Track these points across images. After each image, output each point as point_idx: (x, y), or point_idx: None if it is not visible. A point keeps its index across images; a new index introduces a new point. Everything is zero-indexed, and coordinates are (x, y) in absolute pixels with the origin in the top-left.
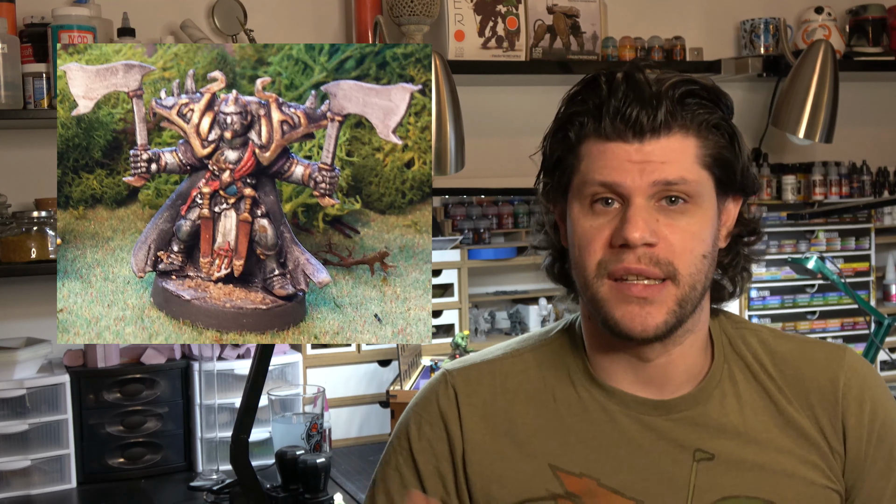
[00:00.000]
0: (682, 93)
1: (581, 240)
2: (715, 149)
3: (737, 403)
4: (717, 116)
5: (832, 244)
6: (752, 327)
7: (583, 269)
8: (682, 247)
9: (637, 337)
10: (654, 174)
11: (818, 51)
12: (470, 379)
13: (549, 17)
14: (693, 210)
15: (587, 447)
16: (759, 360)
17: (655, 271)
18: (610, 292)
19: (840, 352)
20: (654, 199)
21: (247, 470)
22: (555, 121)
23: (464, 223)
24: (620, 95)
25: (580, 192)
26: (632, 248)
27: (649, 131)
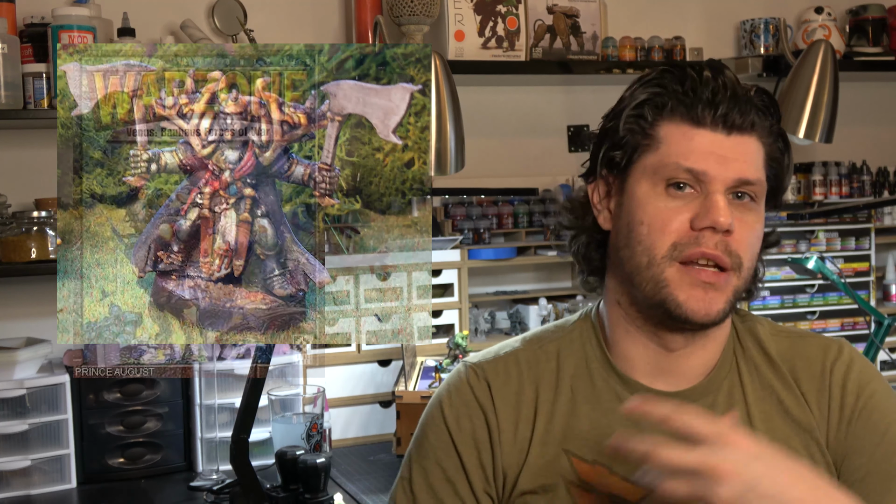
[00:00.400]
0: (766, 102)
1: (654, 220)
2: (776, 159)
3: (741, 395)
4: (778, 126)
5: (832, 244)
6: (751, 324)
7: (651, 248)
8: (748, 242)
9: (699, 321)
10: (736, 170)
11: (818, 51)
12: (499, 371)
13: (549, 17)
14: (756, 209)
15: (600, 435)
16: (761, 349)
17: (726, 260)
18: (677, 274)
19: (835, 344)
20: (729, 192)
21: (247, 470)
22: (620, 102)
23: (464, 223)
24: (714, 88)
25: (655, 173)
26: (716, 232)
27: (737, 128)
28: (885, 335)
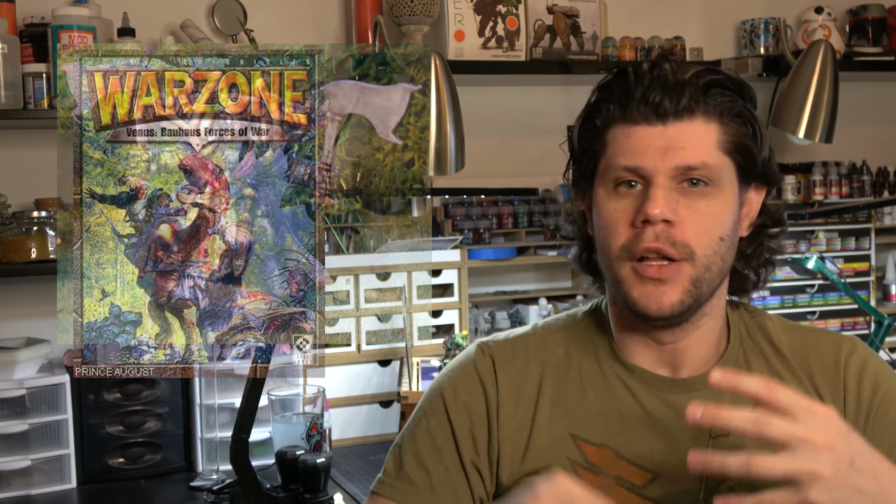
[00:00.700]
0: (707, 82)
1: (605, 221)
2: (737, 136)
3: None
4: (740, 105)
5: (832, 244)
6: (761, 320)
7: (607, 250)
8: (700, 228)
9: (653, 315)
10: (675, 158)
11: (818, 51)
12: (505, 349)
13: (549, 17)
14: (714, 193)
15: (608, 419)
16: (771, 343)
17: (671, 251)
18: (630, 273)
19: (849, 341)
20: (675, 181)
21: (247, 470)
22: (582, 112)
23: (464, 223)
24: (647, 82)
25: (605, 177)
26: (652, 224)
27: (672, 115)
28: (885, 335)
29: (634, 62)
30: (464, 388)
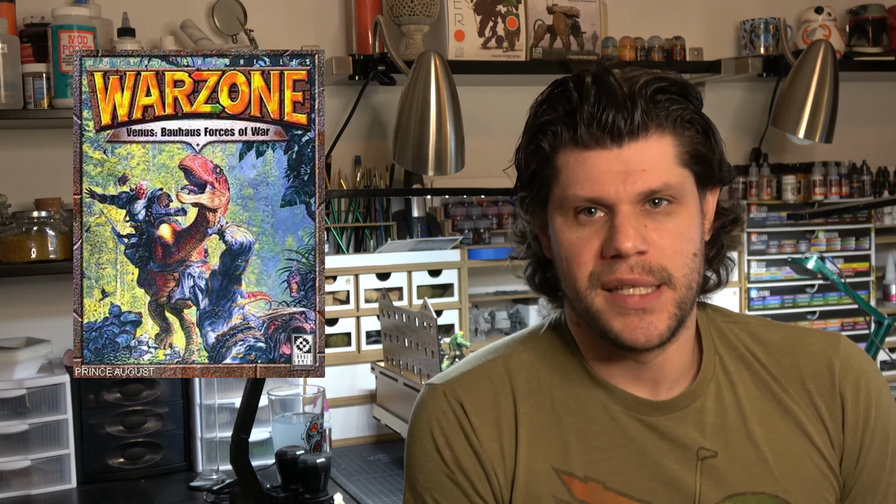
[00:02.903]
0: (654, 90)
1: (569, 252)
2: (691, 145)
3: (733, 395)
4: (690, 111)
5: (832, 244)
6: (742, 319)
7: (574, 281)
8: (673, 249)
9: (641, 348)
10: (637, 183)
11: (818, 51)
12: (470, 387)
13: (549, 17)
14: (678, 210)
15: (589, 448)
16: (750, 351)
17: (649, 279)
18: (605, 304)
19: (834, 338)
20: (639, 205)
21: (247, 470)
22: (525, 131)
23: (464, 223)
24: (593, 100)
25: (562, 205)
26: (624, 257)
27: (627, 135)
28: (885, 335)
29: (574, 75)
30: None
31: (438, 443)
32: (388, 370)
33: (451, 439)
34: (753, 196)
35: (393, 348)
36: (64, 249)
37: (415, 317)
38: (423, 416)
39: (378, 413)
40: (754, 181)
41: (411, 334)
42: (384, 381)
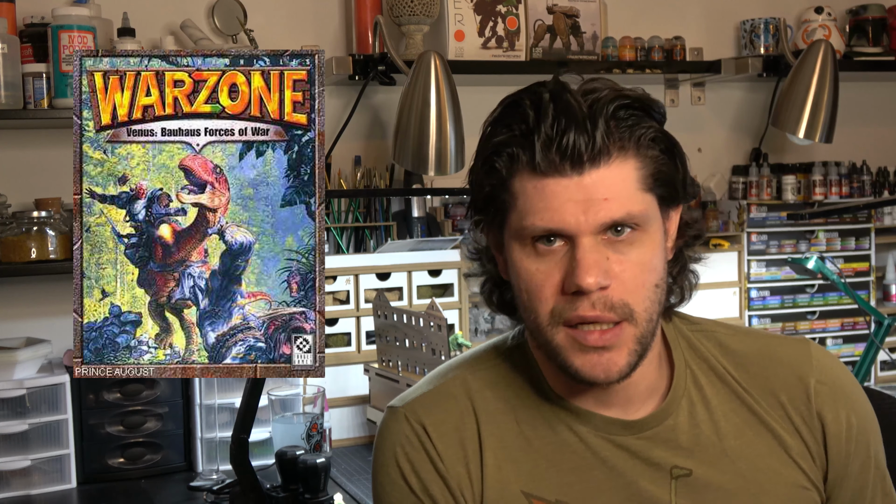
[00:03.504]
0: (616, 108)
1: (528, 284)
2: (655, 166)
3: (706, 410)
4: (654, 129)
5: (832, 244)
6: (708, 328)
7: (535, 315)
8: (635, 282)
9: (601, 384)
10: (599, 213)
11: (818, 51)
12: (432, 409)
13: (549, 17)
14: (642, 238)
15: (560, 471)
16: (720, 362)
17: (611, 316)
18: (566, 339)
19: (804, 347)
20: (601, 234)
21: (247, 470)
22: (479, 151)
23: (464, 223)
24: (551, 120)
25: (519, 234)
26: (586, 294)
27: (588, 161)
28: (885, 335)
29: (530, 90)
30: (413, 475)
31: (404, 470)
32: (385, 371)
33: (416, 466)
34: (753, 196)
35: (390, 349)
36: (64, 249)
37: (419, 317)
38: (387, 443)
39: (373, 415)
40: (754, 181)
41: (414, 334)
42: (380, 383)
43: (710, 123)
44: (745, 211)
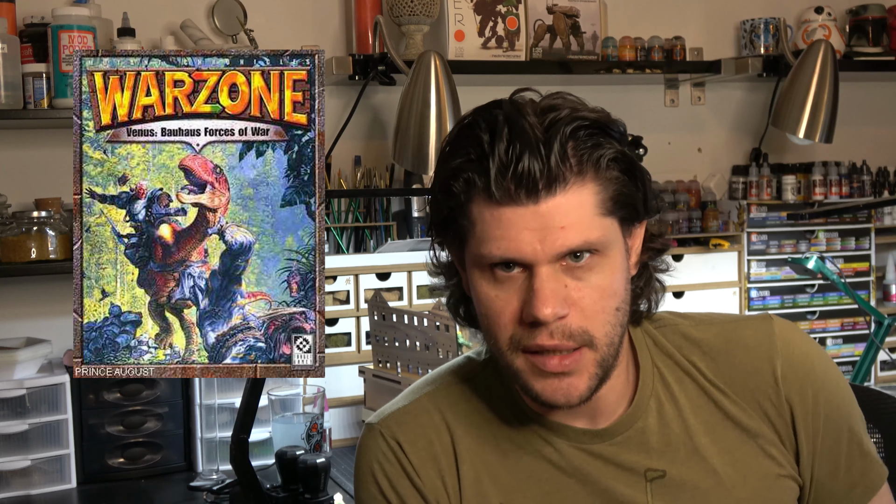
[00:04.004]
0: (573, 129)
1: (488, 310)
2: (615, 188)
3: (675, 409)
4: (613, 150)
5: (832, 244)
6: (670, 322)
7: (494, 340)
8: (594, 308)
9: (564, 406)
10: (556, 242)
11: (818, 51)
12: (407, 424)
13: (549, 17)
14: (601, 263)
15: (537, 482)
16: (686, 357)
17: (569, 343)
18: (525, 364)
19: (767, 326)
20: (559, 261)
21: (247, 470)
22: (436, 172)
23: None
24: (505, 145)
25: (478, 260)
26: (543, 324)
27: (544, 188)
28: (885, 335)
29: (485, 110)
30: (392, 492)
31: (383, 486)
32: (382, 373)
33: (394, 482)
34: (753, 196)
35: (387, 350)
36: (64, 249)
37: (422, 317)
38: (365, 460)
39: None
40: (754, 181)
41: (417, 335)
42: (375, 385)
43: (710, 123)
44: (745, 211)
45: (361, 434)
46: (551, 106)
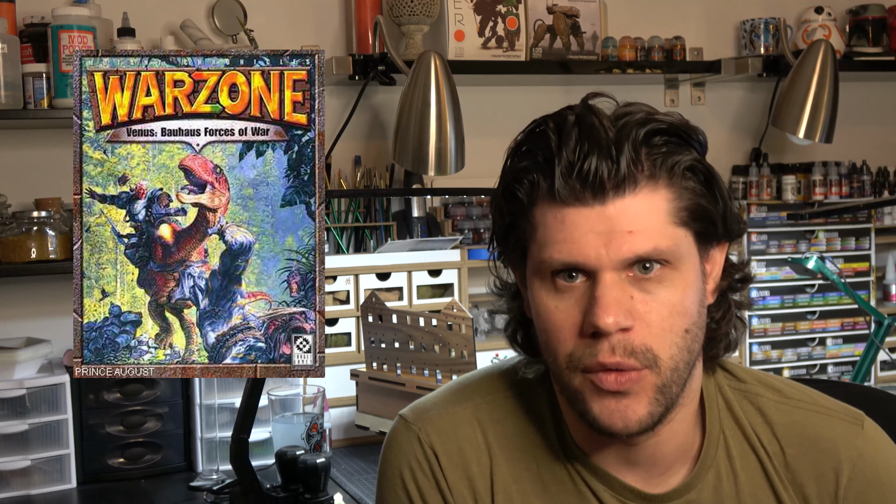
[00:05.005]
0: (647, 132)
1: (547, 324)
2: (690, 199)
3: (733, 487)
4: (690, 158)
5: (832, 244)
6: (753, 390)
7: (553, 358)
8: (661, 326)
9: (620, 433)
10: (622, 247)
11: (818, 51)
12: (446, 435)
13: (549, 17)
14: (671, 276)
15: None
16: (756, 433)
17: (632, 362)
18: (584, 384)
19: (853, 431)
20: (625, 270)
21: (247, 470)
22: (501, 177)
23: (464, 223)
24: (573, 145)
25: (538, 268)
26: (605, 335)
27: (612, 189)
28: (885, 335)
29: (557, 113)
30: (431, 499)
31: (411, 492)
32: (383, 376)
33: (424, 492)
34: (753, 196)
35: (384, 352)
36: (64, 249)
37: (429, 318)
38: (395, 460)
39: (362, 421)
40: (754, 181)
41: (425, 336)
42: (372, 387)
43: (710, 123)
44: (745, 211)
45: (394, 426)
46: (626, 112)
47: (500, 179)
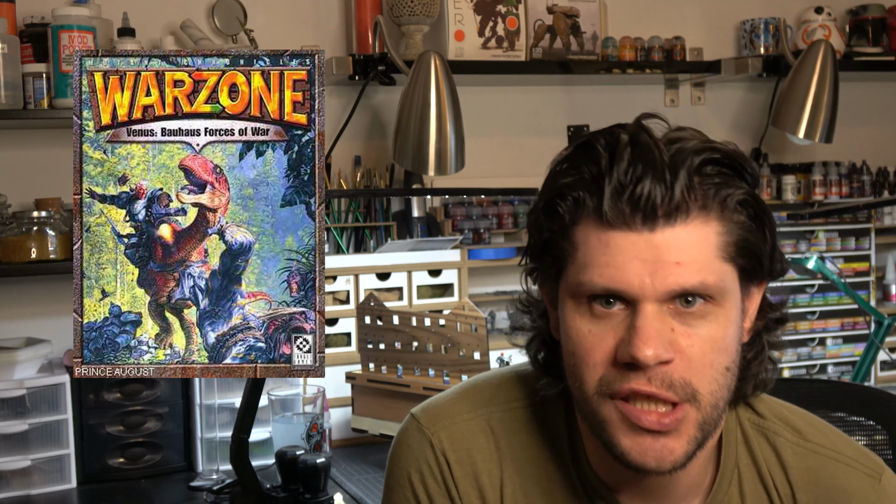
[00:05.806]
0: (702, 161)
1: (577, 348)
2: (739, 234)
3: None
4: (743, 191)
5: (832, 244)
6: (774, 428)
7: (580, 383)
8: (702, 361)
9: (652, 472)
10: (668, 278)
11: (818, 51)
12: (459, 443)
13: (549, 17)
14: (714, 312)
15: None
16: (771, 473)
17: (670, 395)
18: (615, 413)
19: (871, 484)
20: (668, 302)
21: (247, 470)
22: (542, 191)
23: (464, 223)
24: (626, 165)
25: (575, 291)
26: (642, 367)
27: (663, 216)
28: (885, 335)
29: (607, 131)
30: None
31: (419, 496)
32: (383, 378)
33: (433, 497)
34: None
35: (382, 354)
36: (64, 249)
37: (436, 319)
38: (405, 462)
39: (358, 423)
40: None
41: (432, 337)
42: (369, 389)
43: (710, 123)
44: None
45: (406, 426)
46: (679, 137)
47: (539, 194)
